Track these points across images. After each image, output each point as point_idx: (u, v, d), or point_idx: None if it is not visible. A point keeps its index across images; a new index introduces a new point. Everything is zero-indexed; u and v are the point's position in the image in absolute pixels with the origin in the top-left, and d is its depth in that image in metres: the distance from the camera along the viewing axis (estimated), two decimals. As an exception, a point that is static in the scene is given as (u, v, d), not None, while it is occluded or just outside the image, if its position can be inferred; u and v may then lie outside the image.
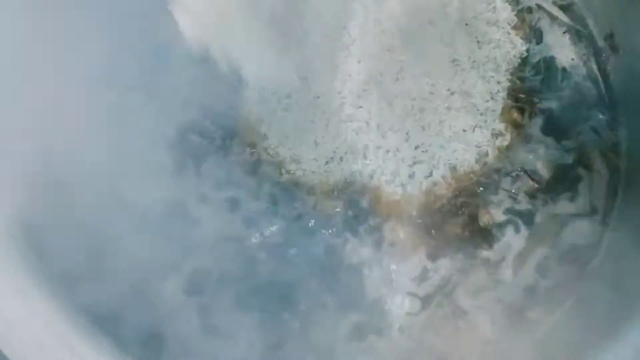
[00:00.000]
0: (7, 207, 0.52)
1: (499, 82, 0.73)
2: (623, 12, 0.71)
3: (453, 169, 0.70)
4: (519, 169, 0.71)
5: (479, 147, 0.71)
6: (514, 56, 0.74)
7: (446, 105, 0.72)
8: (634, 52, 0.71)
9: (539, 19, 0.76)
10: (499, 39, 0.74)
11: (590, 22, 0.76)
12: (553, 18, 0.76)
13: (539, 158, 0.71)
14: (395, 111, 0.71)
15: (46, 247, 0.53)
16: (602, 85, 0.74)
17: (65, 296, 0.50)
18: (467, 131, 0.72)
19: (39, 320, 0.48)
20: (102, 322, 0.51)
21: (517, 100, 0.73)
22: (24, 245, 0.51)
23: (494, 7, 0.75)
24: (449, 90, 0.72)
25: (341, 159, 0.70)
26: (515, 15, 0.76)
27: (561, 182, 0.71)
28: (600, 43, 0.75)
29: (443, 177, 0.70)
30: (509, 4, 0.76)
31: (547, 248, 0.68)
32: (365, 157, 0.71)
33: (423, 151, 0.71)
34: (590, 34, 0.75)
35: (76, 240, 0.56)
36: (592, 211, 0.70)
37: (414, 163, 0.70)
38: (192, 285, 0.65)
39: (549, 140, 0.72)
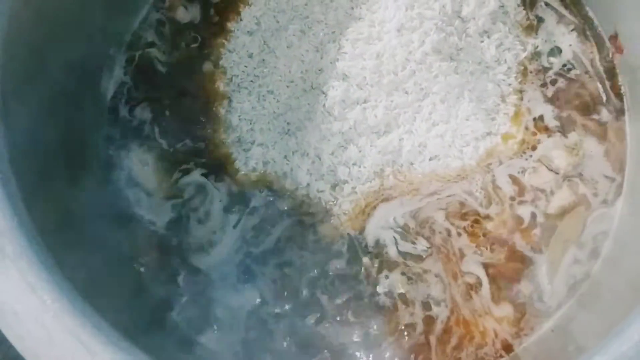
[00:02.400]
0: (19, 202, 0.54)
1: (509, 85, 0.76)
2: (626, 13, 0.73)
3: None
4: (537, 161, 0.74)
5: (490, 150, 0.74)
6: (525, 57, 0.77)
7: (458, 113, 0.74)
8: (637, 52, 0.73)
9: (546, 17, 0.79)
10: (510, 41, 0.77)
11: (596, 22, 0.78)
12: (560, 16, 0.79)
13: (554, 149, 0.74)
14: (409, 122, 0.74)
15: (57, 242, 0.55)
16: (607, 82, 0.76)
17: (75, 290, 0.52)
18: (479, 139, 0.74)
19: (48, 313, 0.49)
20: (111, 315, 0.52)
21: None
22: (34, 240, 0.52)
23: (506, 10, 0.78)
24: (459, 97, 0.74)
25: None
26: (525, 15, 0.78)
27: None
28: (606, 42, 0.77)
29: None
30: (522, 7, 0.78)
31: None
32: (382, 170, 0.73)
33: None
34: (596, 33, 0.78)
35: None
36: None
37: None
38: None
39: (557, 135, 0.74)
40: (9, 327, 0.49)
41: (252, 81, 0.77)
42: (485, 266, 0.71)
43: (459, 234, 0.71)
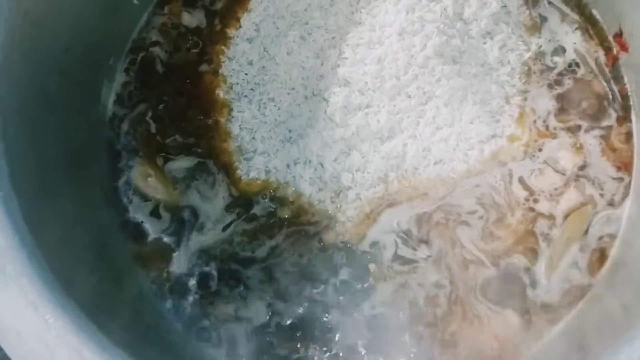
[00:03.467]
0: (19, 219, 0.54)
1: (514, 86, 0.75)
2: (631, 11, 0.73)
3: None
4: (543, 163, 0.73)
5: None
6: (529, 58, 0.76)
7: (462, 116, 0.73)
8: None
9: (549, 16, 0.78)
10: (513, 42, 0.76)
11: (600, 20, 0.77)
12: (564, 15, 0.78)
13: (560, 150, 0.73)
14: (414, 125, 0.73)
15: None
16: (612, 81, 0.75)
17: (77, 308, 0.52)
18: (484, 142, 0.73)
19: (51, 332, 0.49)
20: (115, 333, 0.52)
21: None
22: (35, 258, 0.52)
23: (509, 11, 0.77)
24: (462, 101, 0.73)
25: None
26: (527, 14, 0.78)
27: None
28: (610, 40, 0.76)
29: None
30: (525, 7, 0.78)
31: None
32: (386, 176, 0.73)
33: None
34: (600, 31, 0.77)
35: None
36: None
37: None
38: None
39: (563, 136, 0.74)
40: (12, 346, 0.49)
41: (252, 89, 0.77)
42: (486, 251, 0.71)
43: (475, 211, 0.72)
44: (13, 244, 0.52)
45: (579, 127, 0.74)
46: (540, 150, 0.73)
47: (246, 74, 0.77)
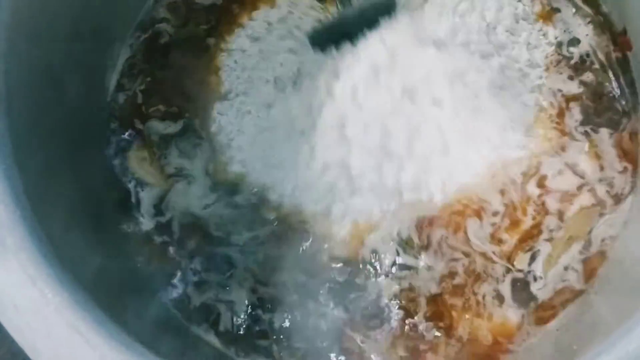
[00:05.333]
0: (21, 194, 0.54)
1: (535, 84, 0.75)
2: (636, 10, 0.72)
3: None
4: (561, 163, 0.72)
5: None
6: (550, 54, 0.75)
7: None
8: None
9: (562, 7, 0.77)
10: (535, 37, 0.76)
11: (610, 15, 0.77)
12: (577, 7, 0.77)
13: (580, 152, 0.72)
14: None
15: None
16: (621, 77, 0.75)
17: (75, 284, 0.52)
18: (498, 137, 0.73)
19: (49, 306, 0.49)
20: (113, 309, 0.53)
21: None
22: (35, 233, 0.52)
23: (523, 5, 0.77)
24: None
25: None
26: (540, 6, 0.77)
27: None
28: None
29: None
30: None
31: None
32: (401, 167, 0.72)
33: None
34: (611, 26, 0.76)
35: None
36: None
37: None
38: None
39: (580, 135, 0.73)
40: (9, 319, 0.49)
41: (245, 92, 0.76)
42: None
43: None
44: (14, 217, 0.52)
45: (593, 125, 0.73)
46: (562, 150, 0.72)
47: (238, 78, 0.77)
